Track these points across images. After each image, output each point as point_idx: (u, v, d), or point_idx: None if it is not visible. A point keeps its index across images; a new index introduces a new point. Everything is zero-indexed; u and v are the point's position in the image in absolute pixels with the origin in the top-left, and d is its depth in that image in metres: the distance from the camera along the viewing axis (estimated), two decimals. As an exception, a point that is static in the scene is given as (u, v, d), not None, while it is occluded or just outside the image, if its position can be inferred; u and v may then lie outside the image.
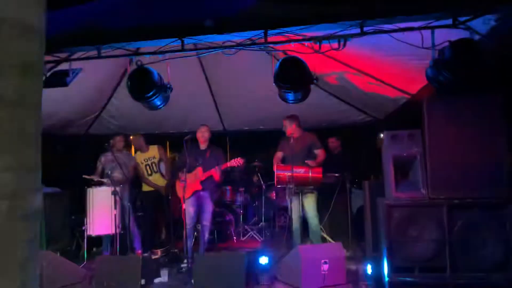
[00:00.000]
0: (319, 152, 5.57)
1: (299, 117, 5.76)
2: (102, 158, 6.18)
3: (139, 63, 3.98)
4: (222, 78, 6.85)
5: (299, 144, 5.53)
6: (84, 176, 5.83)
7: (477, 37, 3.24)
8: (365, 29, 3.30)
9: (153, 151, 6.54)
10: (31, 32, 1.86)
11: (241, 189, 7.35)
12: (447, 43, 3.31)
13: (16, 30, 1.79)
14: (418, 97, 5.06)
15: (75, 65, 4.23)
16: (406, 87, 5.34)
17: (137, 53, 4.05)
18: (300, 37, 3.53)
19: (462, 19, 3.18)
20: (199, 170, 5.52)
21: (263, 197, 7.41)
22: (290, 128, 5.64)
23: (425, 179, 4.33)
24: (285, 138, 5.74)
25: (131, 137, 6.56)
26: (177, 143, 8.06)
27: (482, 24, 3.18)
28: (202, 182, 5.51)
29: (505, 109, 3.99)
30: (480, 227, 4.14)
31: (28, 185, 1.87)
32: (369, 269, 4.70)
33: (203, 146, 5.68)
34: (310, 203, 5.58)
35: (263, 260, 4.92)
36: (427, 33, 3.39)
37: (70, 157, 7.84)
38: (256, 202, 7.57)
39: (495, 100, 4.05)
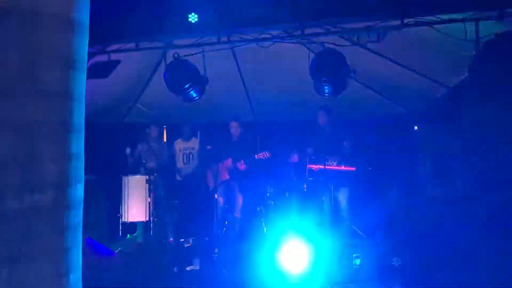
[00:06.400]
0: (348, 144, 5.49)
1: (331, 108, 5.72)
2: (139, 147, 6.32)
3: (175, 55, 4.02)
4: (255, 69, 6.82)
5: (331, 135, 5.47)
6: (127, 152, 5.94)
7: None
8: (405, 21, 3.21)
9: (194, 142, 6.63)
10: (76, 27, 1.90)
11: (272, 180, 7.34)
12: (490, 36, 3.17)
13: (62, 25, 1.83)
14: (458, 90, 4.90)
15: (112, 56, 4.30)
16: (445, 80, 5.18)
17: (173, 45, 4.08)
18: (338, 30, 3.47)
19: (510, 10, 3.04)
20: (228, 160, 5.59)
21: (294, 189, 7.36)
22: (324, 119, 5.58)
23: (464, 176, 4.22)
24: (317, 129, 5.67)
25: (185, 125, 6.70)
26: (208, 133, 8.14)
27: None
28: (229, 173, 5.58)
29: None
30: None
31: (72, 175, 1.93)
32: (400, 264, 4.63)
33: (234, 137, 5.74)
34: (343, 197, 5.51)
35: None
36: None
37: (106, 145, 8.02)
38: (287, 194, 7.52)
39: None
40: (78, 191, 1.99)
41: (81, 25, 1.94)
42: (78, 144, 1.99)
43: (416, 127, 7.40)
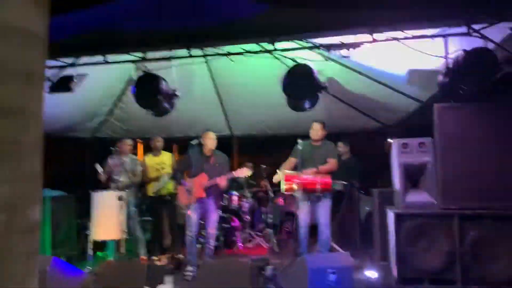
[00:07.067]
0: (331, 161, 5.40)
1: None
2: (110, 162, 6.13)
3: (145, 69, 3.95)
4: (230, 83, 6.80)
5: (319, 150, 5.40)
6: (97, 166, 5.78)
7: (491, 45, 3.15)
8: (375, 36, 3.24)
9: (166, 157, 6.47)
10: (33, 40, 1.81)
11: (248, 194, 7.28)
12: (460, 52, 3.22)
13: (17, 38, 1.74)
14: (429, 104, 4.96)
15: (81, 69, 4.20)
16: (417, 94, 5.25)
17: (143, 59, 4.01)
18: (310, 44, 3.47)
19: (477, 27, 3.09)
20: (203, 176, 5.38)
21: (271, 203, 7.32)
22: (319, 133, 5.49)
23: (436, 189, 4.24)
24: (303, 142, 5.55)
25: (156, 139, 6.54)
26: (184, 148, 8.05)
27: (497, 33, 3.09)
28: (206, 189, 5.38)
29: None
30: (493, 240, 4.03)
31: (27, 197, 1.81)
32: (377, 278, 4.63)
33: (208, 152, 5.54)
34: (323, 210, 5.41)
35: (269, 269, 4.85)
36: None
37: (77, 160, 7.83)
38: (263, 208, 7.47)
39: (508, 110, 3.95)
40: (34, 214, 1.87)
41: (38, 38, 1.85)
42: (34, 163, 1.88)
43: (389, 140, 7.48)
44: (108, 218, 5.50)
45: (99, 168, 5.84)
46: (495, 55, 3.07)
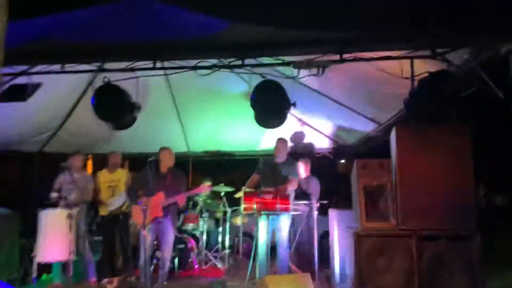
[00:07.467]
0: (292, 180, 5.37)
1: None
2: (61, 178, 5.77)
3: (106, 80, 3.76)
4: (189, 99, 6.69)
5: (281, 168, 5.35)
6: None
7: (453, 68, 3.28)
8: (344, 56, 3.28)
9: (121, 174, 6.17)
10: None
11: (205, 214, 7.10)
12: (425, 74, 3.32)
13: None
14: (388, 126, 5.08)
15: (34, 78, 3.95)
16: (375, 116, 5.37)
17: (103, 69, 3.82)
18: (278, 62, 3.47)
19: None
20: (160, 195, 5.16)
21: (228, 223, 7.17)
22: (284, 150, 5.42)
23: (395, 209, 4.30)
24: (266, 159, 5.49)
25: (115, 154, 6.23)
26: (138, 164, 7.78)
27: (457, 57, 3.22)
28: (163, 208, 5.16)
29: (472, 140, 4.04)
30: (447, 258, 4.13)
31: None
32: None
33: (165, 169, 5.35)
34: (282, 230, 5.33)
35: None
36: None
37: (24, 176, 7.38)
38: (221, 228, 7.30)
39: (463, 131, 4.10)
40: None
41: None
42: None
43: (343, 161, 7.61)
44: (55, 238, 5.15)
45: (54, 195, 5.51)
46: (458, 77, 3.19)
